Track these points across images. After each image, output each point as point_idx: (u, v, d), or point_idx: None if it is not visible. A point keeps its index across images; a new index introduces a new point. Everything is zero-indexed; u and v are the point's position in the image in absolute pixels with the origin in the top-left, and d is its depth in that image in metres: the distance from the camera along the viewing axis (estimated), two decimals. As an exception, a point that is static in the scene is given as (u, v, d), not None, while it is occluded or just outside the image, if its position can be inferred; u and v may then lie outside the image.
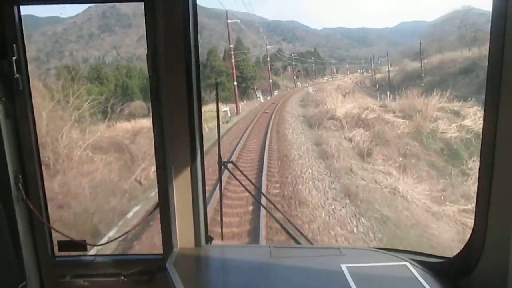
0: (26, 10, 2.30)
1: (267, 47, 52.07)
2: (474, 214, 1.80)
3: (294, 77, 59.94)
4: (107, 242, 6.54)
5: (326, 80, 63.95)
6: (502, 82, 1.54)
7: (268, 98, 43.43)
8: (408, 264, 2.10)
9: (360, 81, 56.48)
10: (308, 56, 64.19)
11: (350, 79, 59.77)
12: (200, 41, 2.42)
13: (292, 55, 63.51)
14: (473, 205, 1.98)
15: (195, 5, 2.25)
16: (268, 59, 50.53)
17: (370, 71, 63.67)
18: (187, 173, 2.37)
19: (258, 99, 42.32)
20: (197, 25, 2.29)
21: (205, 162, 2.51)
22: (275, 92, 49.04)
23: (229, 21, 35.02)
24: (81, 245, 2.51)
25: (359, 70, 67.19)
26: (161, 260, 2.39)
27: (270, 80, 48.61)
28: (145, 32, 2.22)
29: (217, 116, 2.53)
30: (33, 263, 2.44)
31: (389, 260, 2.17)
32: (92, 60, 48.44)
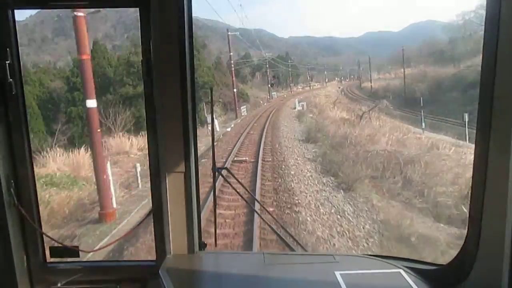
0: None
1: (229, 33, 36.30)
2: (467, 221, 1.83)
3: (269, 85, 46.26)
4: (100, 249, 6.33)
5: (302, 88, 55.85)
6: (495, 89, 1.58)
7: (230, 126, 25.04)
8: (401, 271, 2.13)
9: (346, 89, 48.83)
10: (280, 61, 55.64)
11: (339, 87, 51.95)
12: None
13: (266, 54, 51.40)
14: None
15: (190, 10, 2.28)
16: (231, 54, 36.09)
17: (348, 79, 59.35)
18: (180, 179, 2.39)
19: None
20: (192, 30, 2.31)
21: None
22: (243, 110, 33.89)
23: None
24: (73, 251, 2.51)
25: (336, 78, 62.71)
26: (154, 267, 2.40)
27: (235, 90, 33.69)
28: (140, 38, 2.28)
29: (211, 123, 2.60)
30: (24, 269, 2.44)
31: (383, 267, 2.21)
32: (42, 65, 44.13)
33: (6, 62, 2.21)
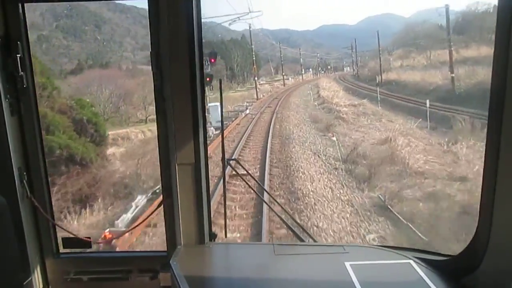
0: None
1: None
2: (478, 212, 1.83)
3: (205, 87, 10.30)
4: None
5: (269, 84, 44.51)
6: (507, 83, 1.56)
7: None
8: (412, 262, 2.16)
9: (356, 86, 35.23)
10: (233, 45, 44.63)
11: (338, 79, 40.72)
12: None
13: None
14: None
15: (198, 2, 2.32)
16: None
17: (324, 71, 54.77)
18: (190, 170, 2.43)
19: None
20: (201, 23, 2.36)
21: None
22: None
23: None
24: (85, 242, 2.56)
25: (310, 70, 57.14)
26: (164, 257, 2.47)
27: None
28: (149, 30, 2.32)
29: (220, 115, 2.59)
30: (37, 259, 2.49)
31: (393, 258, 2.24)
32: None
33: (17, 55, 2.23)
